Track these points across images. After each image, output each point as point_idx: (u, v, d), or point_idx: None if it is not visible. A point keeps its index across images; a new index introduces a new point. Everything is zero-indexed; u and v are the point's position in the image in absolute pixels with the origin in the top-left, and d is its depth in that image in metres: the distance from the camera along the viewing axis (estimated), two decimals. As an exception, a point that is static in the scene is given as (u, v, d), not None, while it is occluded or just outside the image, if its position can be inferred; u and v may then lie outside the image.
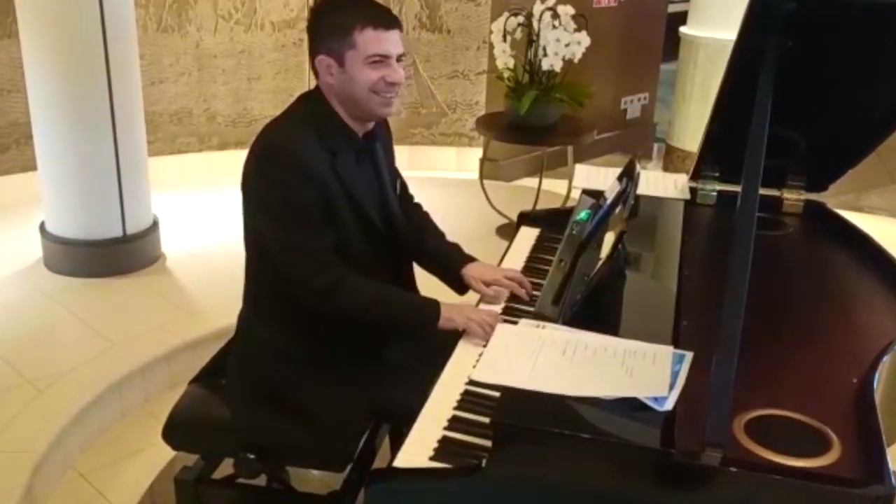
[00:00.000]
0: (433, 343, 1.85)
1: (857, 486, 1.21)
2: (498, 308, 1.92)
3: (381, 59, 1.78)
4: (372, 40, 1.76)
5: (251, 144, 1.85)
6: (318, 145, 1.79)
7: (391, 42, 1.78)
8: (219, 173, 4.73)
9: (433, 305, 1.84)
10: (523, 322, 1.64)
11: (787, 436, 1.31)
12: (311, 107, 1.86)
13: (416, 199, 2.20)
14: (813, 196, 2.33)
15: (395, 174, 2.06)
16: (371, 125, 1.91)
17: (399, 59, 1.81)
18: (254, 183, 1.83)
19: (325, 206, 1.79)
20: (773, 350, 1.60)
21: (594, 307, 1.67)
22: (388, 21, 1.79)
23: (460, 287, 2.04)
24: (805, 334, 1.71)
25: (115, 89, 3.29)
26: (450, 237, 2.17)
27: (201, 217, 4.18)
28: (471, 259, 2.07)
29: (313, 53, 1.82)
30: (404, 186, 2.12)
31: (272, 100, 4.85)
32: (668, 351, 1.47)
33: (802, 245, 2.23)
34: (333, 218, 1.81)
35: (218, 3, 4.61)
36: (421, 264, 2.09)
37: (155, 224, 3.61)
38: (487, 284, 1.98)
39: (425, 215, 2.17)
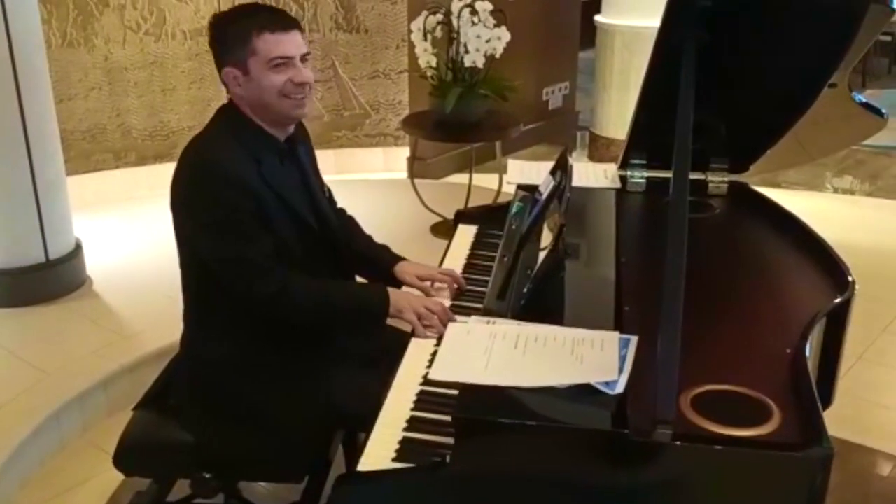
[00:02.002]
0: (382, 343, 1.92)
1: (799, 448, 1.32)
2: (446, 301, 1.98)
3: (284, 62, 1.83)
4: (271, 43, 1.82)
5: (177, 162, 1.89)
6: (242, 155, 1.84)
7: (292, 43, 1.85)
8: (138, 189, 4.66)
9: (381, 294, 1.89)
10: (473, 319, 1.71)
11: (731, 408, 1.41)
12: (228, 119, 1.91)
13: (346, 203, 2.26)
14: (735, 177, 2.46)
15: (321, 178, 2.10)
16: (291, 129, 1.96)
17: (304, 59, 1.87)
18: (184, 200, 1.86)
19: (258, 214, 1.83)
20: (711, 329, 1.71)
21: (540, 300, 1.75)
22: (285, 23, 1.85)
23: (392, 286, 2.08)
24: (739, 311, 1.82)
25: (26, 108, 3.22)
26: (384, 239, 2.23)
27: (124, 236, 4.12)
28: (401, 258, 2.14)
29: (220, 67, 1.88)
30: (330, 192, 2.17)
31: (189, 111, 4.81)
32: (614, 336, 1.56)
33: (729, 225, 2.35)
34: (268, 224, 1.85)
35: (125, 14, 4.55)
36: (349, 268, 2.14)
37: (78, 246, 3.55)
38: (422, 280, 2.05)
39: (350, 219, 2.24)
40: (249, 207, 1.82)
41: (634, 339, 1.54)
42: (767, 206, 2.39)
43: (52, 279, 3.41)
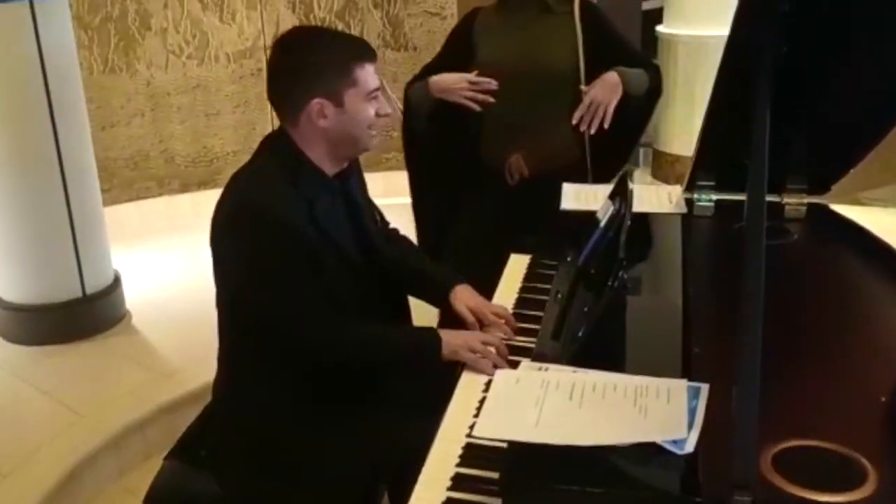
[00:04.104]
0: (429, 390, 1.82)
1: (901, 518, 1.19)
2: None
3: (377, 94, 1.81)
4: (369, 75, 1.80)
5: (220, 196, 1.83)
6: (294, 196, 1.78)
7: (378, 73, 1.83)
8: (182, 217, 4.68)
9: (433, 337, 1.82)
10: (524, 365, 1.61)
11: (819, 468, 1.28)
12: (280, 155, 1.84)
13: (394, 228, 2.22)
14: (815, 199, 2.31)
15: (370, 204, 2.06)
16: (346, 163, 1.90)
17: None
18: (229, 243, 1.80)
19: (308, 258, 1.78)
20: (792, 373, 1.57)
21: (598, 341, 1.64)
22: (374, 52, 1.84)
23: (448, 310, 2.04)
24: (824, 352, 1.68)
25: (61, 138, 3.24)
26: (434, 266, 2.19)
27: (166, 267, 4.13)
28: (460, 281, 2.05)
29: (303, 99, 1.78)
30: (382, 216, 2.13)
31: (233, 135, 4.82)
32: (682, 385, 1.43)
33: (810, 253, 2.21)
34: (318, 267, 1.80)
35: (167, 38, 4.59)
36: (406, 289, 2.10)
37: (117, 280, 3.55)
38: (474, 313, 1.95)
39: (404, 239, 2.20)
40: (301, 253, 1.76)
41: (705, 388, 1.42)
42: (852, 231, 2.23)
43: (89, 315, 3.41)
